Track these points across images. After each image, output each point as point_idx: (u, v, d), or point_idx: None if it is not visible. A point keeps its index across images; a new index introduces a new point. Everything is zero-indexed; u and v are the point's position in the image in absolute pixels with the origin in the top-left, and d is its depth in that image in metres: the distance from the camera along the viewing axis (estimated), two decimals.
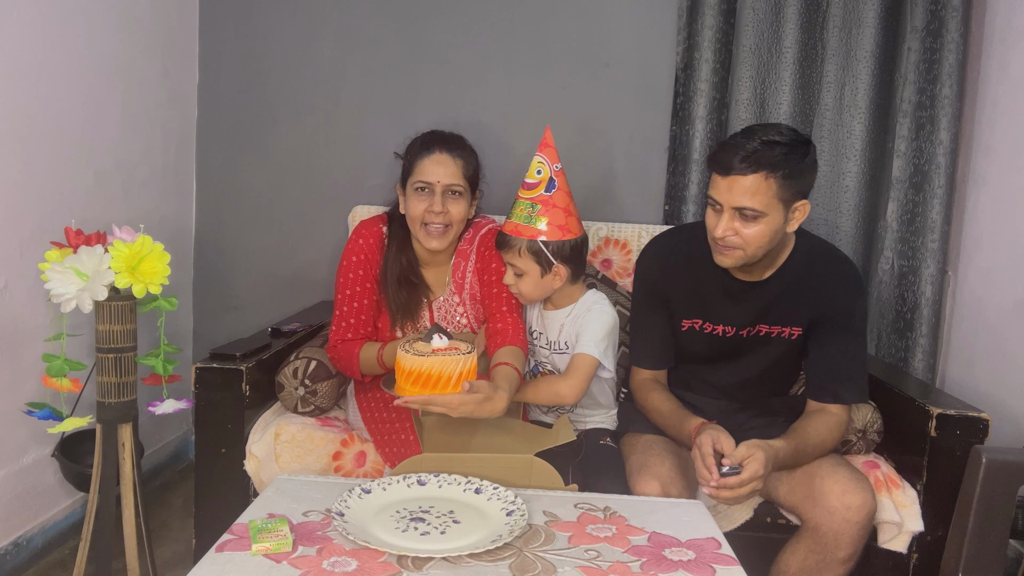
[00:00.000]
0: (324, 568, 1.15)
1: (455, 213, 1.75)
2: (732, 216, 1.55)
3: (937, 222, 2.27)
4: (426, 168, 1.73)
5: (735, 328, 1.72)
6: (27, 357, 1.91)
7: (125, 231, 1.58)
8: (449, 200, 1.74)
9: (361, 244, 1.81)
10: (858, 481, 1.56)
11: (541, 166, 1.73)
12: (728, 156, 1.53)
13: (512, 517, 1.31)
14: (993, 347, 2.14)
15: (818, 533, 1.55)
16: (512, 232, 1.73)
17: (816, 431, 1.63)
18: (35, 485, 2.00)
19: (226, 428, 1.75)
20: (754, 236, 1.55)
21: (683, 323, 1.75)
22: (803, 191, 1.57)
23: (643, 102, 2.50)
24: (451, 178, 1.73)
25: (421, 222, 1.74)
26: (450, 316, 1.86)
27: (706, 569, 1.20)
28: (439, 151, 1.74)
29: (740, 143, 1.53)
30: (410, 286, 1.81)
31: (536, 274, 1.74)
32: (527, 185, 1.74)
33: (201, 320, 2.67)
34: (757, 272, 1.67)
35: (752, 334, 1.72)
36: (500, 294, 1.81)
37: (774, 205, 1.53)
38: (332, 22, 2.53)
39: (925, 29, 2.27)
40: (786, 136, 1.54)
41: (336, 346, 1.80)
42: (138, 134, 2.31)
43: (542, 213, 1.71)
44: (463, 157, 1.76)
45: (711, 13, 2.35)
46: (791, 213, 1.57)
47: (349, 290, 1.80)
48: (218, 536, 1.24)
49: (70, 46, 2.00)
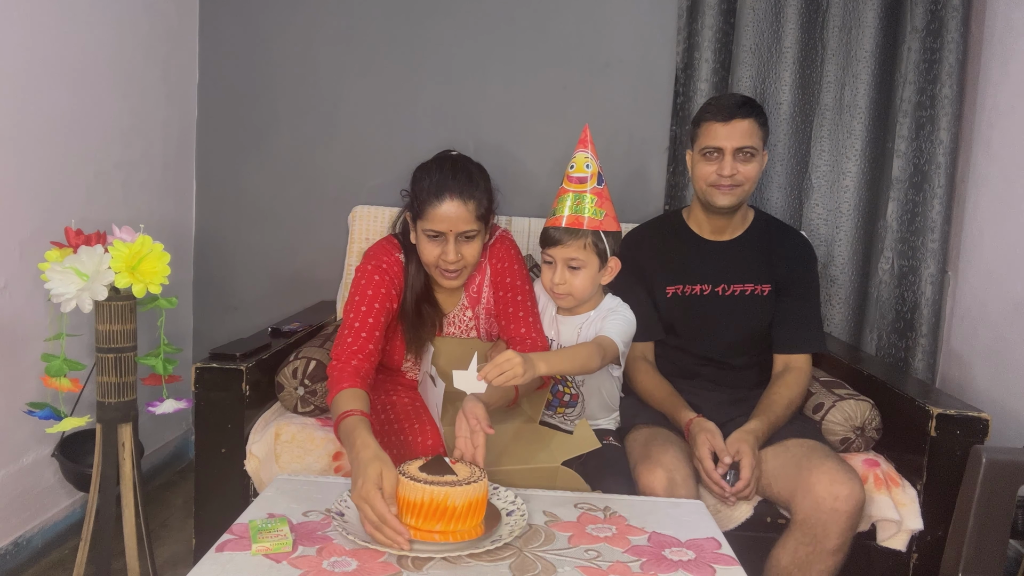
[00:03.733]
0: (324, 568, 1.15)
1: (469, 255, 1.66)
2: (733, 156, 1.80)
3: (937, 222, 2.27)
4: (437, 216, 1.61)
5: (711, 286, 1.89)
6: (27, 357, 1.91)
7: (125, 231, 1.58)
8: (463, 244, 1.65)
9: (385, 268, 1.70)
10: (845, 472, 1.58)
11: (588, 161, 1.74)
12: (727, 106, 1.81)
13: (512, 517, 1.31)
14: (993, 347, 2.14)
15: (807, 525, 1.57)
16: (573, 224, 1.69)
17: (781, 394, 1.79)
18: (35, 485, 2.00)
19: (226, 428, 1.75)
20: (752, 172, 1.82)
21: (667, 290, 1.90)
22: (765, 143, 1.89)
23: (643, 102, 2.50)
24: (464, 224, 1.62)
25: (435, 266, 1.67)
26: (460, 332, 1.82)
27: (706, 569, 1.20)
28: (449, 198, 1.60)
29: (729, 97, 1.87)
30: (427, 312, 1.75)
31: (595, 267, 1.72)
32: (577, 179, 1.72)
33: (201, 320, 2.67)
34: (728, 232, 1.93)
35: (728, 293, 1.89)
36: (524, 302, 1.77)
37: (760, 146, 1.83)
38: (332, 22, 2.53)
39: (925, 29, 2.27)
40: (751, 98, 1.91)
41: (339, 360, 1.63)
42: (138, 134, 2.31)
43: (599, 205, 1.71)
44: (475, 198, 1.63)
45: (711, 13, 2.35)
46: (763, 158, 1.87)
47: (365, 306, 1.66)
48: (218, 536, 1.24)
49: (70, 46, 2.00)
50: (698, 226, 1.95)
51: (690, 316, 1.90)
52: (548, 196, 2.31)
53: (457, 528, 1.23)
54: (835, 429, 1.79)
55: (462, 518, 1.23)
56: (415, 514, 1.23)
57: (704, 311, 1.90)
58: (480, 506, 1.25)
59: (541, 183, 2.48)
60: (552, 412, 1.83)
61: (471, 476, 1.26)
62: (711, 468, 1.64)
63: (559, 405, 1.81)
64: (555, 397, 1.81)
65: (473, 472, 1.28)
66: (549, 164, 2.48)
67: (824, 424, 1.81)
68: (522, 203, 2.38)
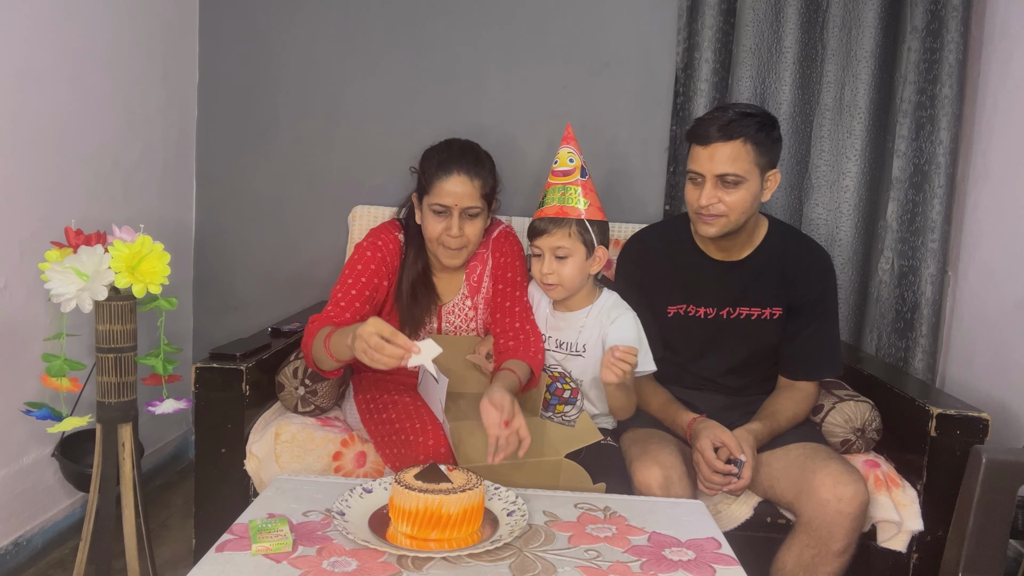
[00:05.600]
0: (324, 568, 1.15)
1: (472, 234, 1.73)
2: (715, 184, 1.64)
3: (937, 222, 2.27)
4: (443, 191, 1.69)
5: (716, 309, 1.77)
6: (27, 357, 1.91)
7: (125, 231, 1.58)
8: (466, 221, 1.71)
9: (380, 246, 1.76)
10: (850, 473, 1.57)
11: (572, 155, 1.78)
12: (707, 127, 1.63)
13: (512, 517, 1.31)
14: (993, 347, 2.14)
15: (812, 527, 1.56)
16: (558, 214, 1.73)
17: (786, 407, 1.74)
18: (35, 485, 2.00)
19: (226, 428, 1.75)
20: (737, 202, 1.64)
21: (668, 310, 1.80)
22: (774, 161, 1.69)
23: (643, 102, 2.50)
24: (468, 200, 1.70)
25: (438, 241, 1.73)
26: (460, 321, 1.85)
27: (706, 569, 1.20)
28: (456, 172, 1.69)
29: (716, 116, 1.65)
30: (422, 294, 1.79)
31: (582, 256, 1.73)
32: (561, 172, 1.77)
33: (201, 320, 2.67)
34: (736, 251, 1.77)
35: (733, 316, 1.77)
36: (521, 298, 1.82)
37: (752, 171, 1.64)
38: (332, 22, 2.53)
39: (925, 29, 2.27)
40: (756, 110, 1.68)
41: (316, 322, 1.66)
42: (138, 134, 2.31)
43: (584, 195, 1.74)
44: (480, 176, 1.71)
45: (711, 13, 2.35)
46: (765, 182, 1.68)
47: (352, 279, 1.71)
48: (218, 536, 1.24)
49: (70, 46, 2.00)
50: (704, 243, 1.79)
51: (690, 338, 1.81)
52: None
53: (453, 536, 1.22)
54: (835, 431, 1.79)
55: (457, 526, 1.22)
56: (410, 522, 1.22)
57: (706, 335, 1.80)
58: (476, 513, 1.25)
59: (541, 183, 2.45)
60: (551, 411, 1.83)
61: (466, 483, 1.26)
62: (712, 458, 1.60)
63: (558, 403, 1.81)
64: (554, 395, 1.81)
65: (469, 479, 1.28)
66: (549, 164, 2.46)
67: (824, 426, 1.80)
68: (522, 203, 2.37)
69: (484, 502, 1.29)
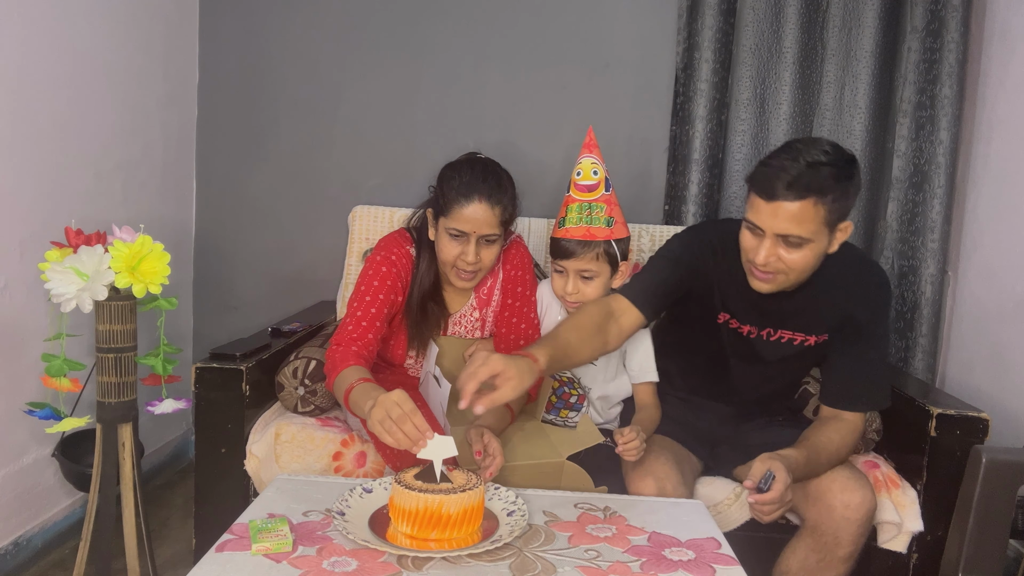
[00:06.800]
0: (324, 568, 1.15)
1: (487, 259, 1.68)
2: (775, 242, 1.46)
3: (937, 222, 2.27)
4: (462, 216, 1.62)
5: (757, 329, 1.66)
6: (27, 357, 1.91)
7: (125, 231, 1.58)
8: (483, 247, 1.66)
9: (394, 260, 1.72)
10: (857, 479, 1.56)
11: (596, 167, 1.73)
12: (772, 181, 1.42)
13: (512, 517, 1.31)
14: (993, 347, 2.14)
15: (818, 532, 1.55)
16: (586, 236, 1.68)
17: (829, 439, 1.57)
18: (35, 485, 2.00)
19: (226, 428, 1.75)
20: (798, 261, 1.47)
21: (720, 316, 1.68)
22: (847, 212, 1.48)
23: (643, 102, 2.50)
24: (487, 228, 1.63)
25: (452, 264, 1.68)
26: (465, 331, 1.83)
27: (706, 569, 1.20)
28: (478, 199, 1.61)
29: (784, 165, 1.42)
30: (432, 311, 1.76)
31: (607, 275, 1.72)
32: (586, 187, 1.71)
33: (201, 320, 2.67)
34: None
35: (774, 339, 1.66)
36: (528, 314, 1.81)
37: (821, 231, 1.44)
38: (332, 23, 2.53)
39: (925, 29, 2.27)
40: (831, 155, 1.44)
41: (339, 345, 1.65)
42: (138, 134, 2.31)
43: (609, 213, 1.70)
44: (501, 204, 1.64)
45: (711, 13, 2.35)
46: (834, 235, 1.49)
47: (370, 296, 1.67)
48: (218, 536, 1.23)
49: (70, 46, 2.00)
50: None
51: (729, 348, 1.70)
52: (548, 196, 2.32)
53: (452, 536, 1.22)
54: None
55: (457, 526, 1.22)
56: (410, 522, 1.22)
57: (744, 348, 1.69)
58: (476, 513, 1.25)
59: (541, 183, 2.47)
60: (555, 414, 1.83)
61: (466, 483, 1.26)
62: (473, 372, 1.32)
63: (563, 407, 1.81)
64: (560, 399, 1.81)
65: (469, 479, 1.28)
66: (549, 164, 2.48)
67: None
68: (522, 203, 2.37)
69: (484, 502, 1.29)
